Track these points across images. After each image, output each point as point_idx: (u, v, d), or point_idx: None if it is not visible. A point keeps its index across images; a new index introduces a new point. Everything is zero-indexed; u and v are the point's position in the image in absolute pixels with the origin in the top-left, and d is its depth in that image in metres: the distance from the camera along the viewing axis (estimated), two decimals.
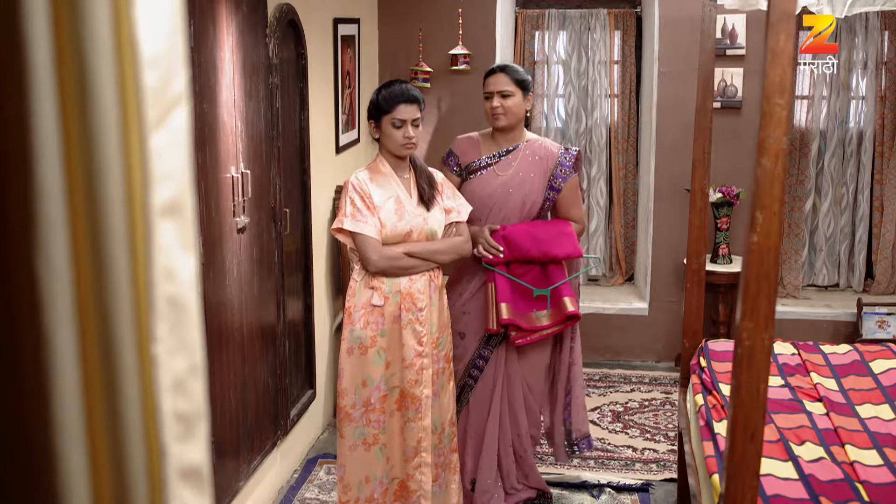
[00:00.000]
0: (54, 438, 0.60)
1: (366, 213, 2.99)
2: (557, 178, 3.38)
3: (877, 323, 5.11)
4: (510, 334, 3.32)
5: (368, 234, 2.98)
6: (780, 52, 1.67)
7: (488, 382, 3.42)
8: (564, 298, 3.32)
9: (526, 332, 3.32)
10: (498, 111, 3.32)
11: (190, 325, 0.68)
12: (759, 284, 1.74)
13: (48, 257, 0.59)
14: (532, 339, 3.35)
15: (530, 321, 3.32)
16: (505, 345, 3.41)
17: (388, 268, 3.01)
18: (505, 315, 3.25)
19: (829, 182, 5.41)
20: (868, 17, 5.19)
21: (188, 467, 0.67)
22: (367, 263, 3.00)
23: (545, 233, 3.36)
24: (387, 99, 3.03)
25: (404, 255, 3.03)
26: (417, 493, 3.13)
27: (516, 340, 3.33)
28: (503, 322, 3.26)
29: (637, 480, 3.99)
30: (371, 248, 2.98)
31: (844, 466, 2.64)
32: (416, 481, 3.12)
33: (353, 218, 2.98)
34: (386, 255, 3.00)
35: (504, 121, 3.34)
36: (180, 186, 0.66)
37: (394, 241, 3.03)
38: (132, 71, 0.62)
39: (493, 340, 3.40)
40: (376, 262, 2.99)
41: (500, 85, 3.32)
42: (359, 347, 3.04)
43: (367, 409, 3.06)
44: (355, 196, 3.00)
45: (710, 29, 3.50)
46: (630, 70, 5.56)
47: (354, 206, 2.99)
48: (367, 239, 2.98)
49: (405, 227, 3.04)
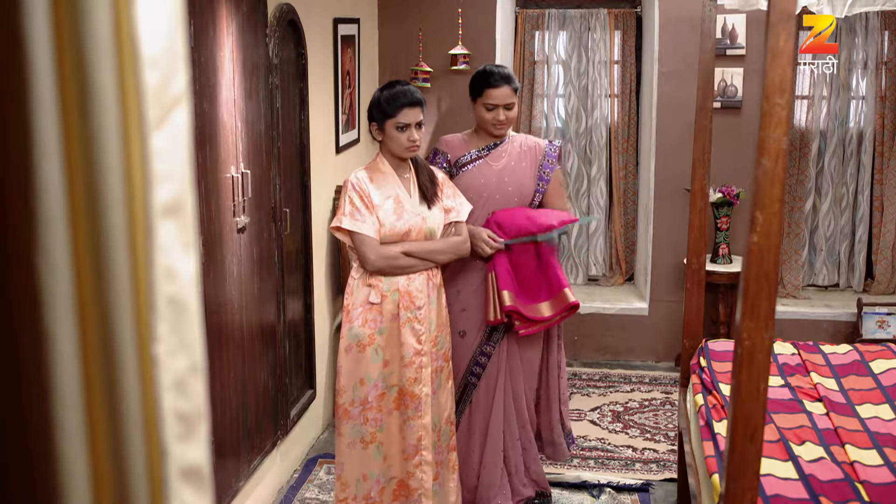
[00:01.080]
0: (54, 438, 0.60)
1: (364, 212, 3.00)
2: (546, 168, 3.43)
3: (877, 323, 5.11)
4: (514, 323, 3.32)
5: (366, 233, 2.98)
6: (780, 52, 1.67)
7: (492, 378, 3.43)
8: (565, 290, 3.34)
9: (529, 321, 3.32)
10: (504, 122, 3.35)
11: (190, 324, 0.68)
12: (759, 284, 1.74)
13: (49, 257, 0.59)
14: (536, 328, 3.36)
15: (532, 310, 3.33)
16: (506, 339, 3.41)
17: (385, 267, 3.01)
18: (508, 302, 3.25)
19: (829, 182, 5.41)
20: (868, 17, 5.19)
21: (188, 467, 0.67)
22: (365, 262, 3.01)
23: (535, 210, 3.40)
24: (391, 102, 3.02)
25: (402, 255, 3.03)
26: (418, 492, 3.13)
27: (520, 330, 3.33)
28: (507, 309, 3.26)
29: (637, 480, 3.99)
30: (369, 248, 2.99)
31: (844, 466, 2.64)
32: (416, 479, 3.12)
33: (352, 217, 2.99)
34: (384, 254, 3.00)
35: (504, 130, 3.41)
36: (180, 186, 0.66)
37: (392, 240, 3.04)
38: (132, 71, 0.62)
39: (495, 336, 3.40)
40: (374, 262, 2.99)
41: (506, 98, 3.33)
42: (357, 345, 3.04)
43: (365, 408, 3.06)
44: (354, 195, 3.01)
45: (710, 29, 3.50)
46: (630, 70, 5.56)
47: (353, 205, 3.00)
48: (365, 238, 2.99)
49: (404, 226, 3.04)
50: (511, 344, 3.43)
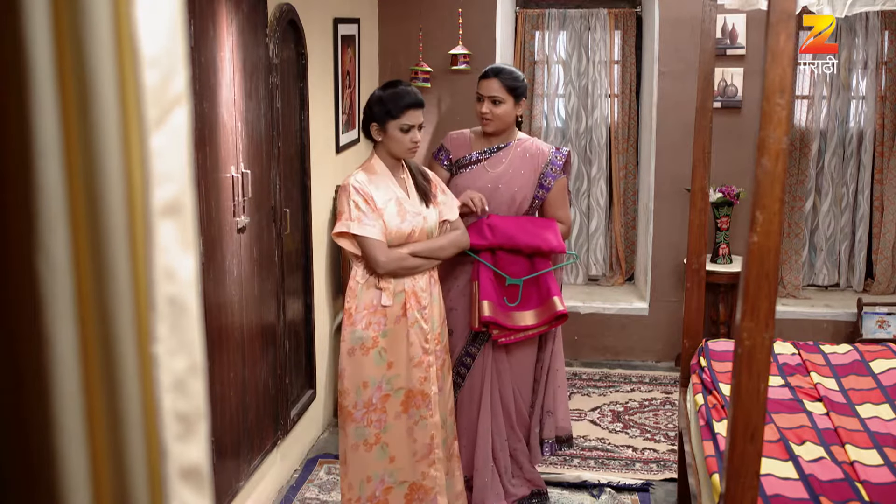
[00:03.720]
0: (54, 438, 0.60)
1: (371, 215, 2.98)
2: (547, 176, 3.41)
3: (877, 323, 5.11)
4: (492, 332, 3.32)
5: (374, 236, 2.96)
6: (780, 52, 1.67)
7: (476, 380, 3.43)
8: (554, 298, 3.34)
9: (509, 330, 3.33)
10: (486, 116, 3.36)
11: (190, 324, 0.68)
12: (760, 284, 1.74)
13: (49, 257, 0.59)
14: (516, 338, 3.36)
15: (513, 319, 3.33)
16: (491, 342, 3.41)
17: (396, 269, 3.01)
18: (486, 312, 3.26)
19: (830, 182, 5.41)
20: (868, 16, 5.19)
21: (188, 467, 0.67)
22: (377, 266, 2.98)
23: (532, 224, 3.39)
24: (395, 103, 3.00)
25: (409, 256, 3.03)
26: (434, 491, 3.13)
27: (499, 339, 3.34)
28: (483, 319, 3.27)
29: (637, 480, 3.99)
30: (379, 251, 2.97)
31: (845, 466, 2.64)
32: (431, 479, 3.13)
33: (360, 221, 2.96)
34: (393, 256, 3.00)
35: (492, 126, 3.39)
36: (180, 186, 0.67)
37: (398, 241, 3.03)
38: (132, 71, 0.62)
39: (480, 338, 3.41)
40: (385, 265, 2.98)
41: (492, 91, 3.34)
42: (360, 348, 3.03)
43: (368, 410, 3.06)
44: (358, 199, 2.98)
45: (710, 29, 3.50)
46: (630, 70, 5.56)
47: (359, 210, 2.97)
48: (374, 242, 2.97)
49: (408, 227, 3.04)
50: (497, 349, 3.43)
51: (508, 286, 3.35)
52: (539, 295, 3.37)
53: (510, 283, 3.34)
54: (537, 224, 3.41)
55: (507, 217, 3.38)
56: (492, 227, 3.32)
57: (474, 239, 3.29)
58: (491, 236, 3.31)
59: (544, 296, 3.36)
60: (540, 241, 3.34)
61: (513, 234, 3.32)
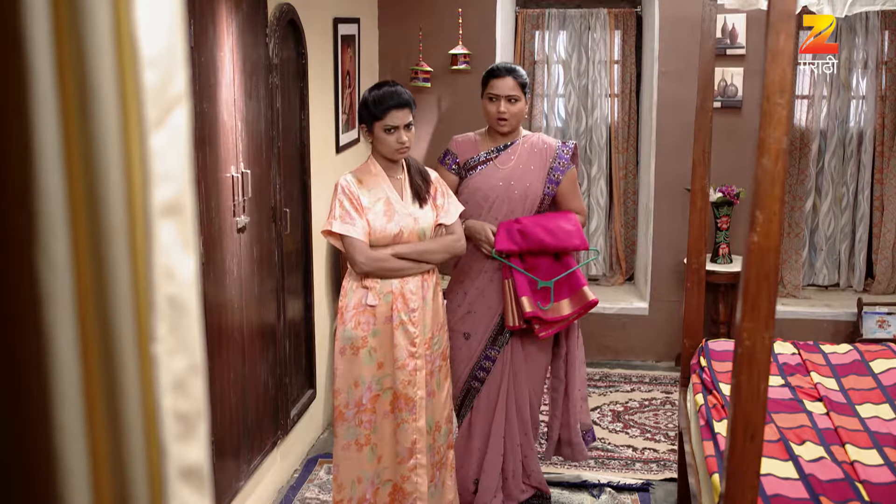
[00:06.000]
0: (54, 438, 0.60)
1: (354, 215, 2.98)
2: (556, 170, 3.39)
3: (877, 322, 5.11)
4: (534, 328, 3.31)
5: (355, 236, 2.97)
6: (780, 52, 1.67)
7: (495, 383, 3.42)
8: (584, 287, 3.35)
9: (549, 323, 3.32)
10: (504, 116, 3.31)
11: (190, 324, 0.68)
12: (760, 284, 1.74)
13: (48, 257, 0.59)
14: (555, 329, 3.37)
15: (551, 312, 3.33)
16: (511, 344, 3.40)
17: (374, 269, 3.00)
18: (528, 308, 3.25)
19: (830, 182, 5.41)
20: (868, 16, 5.19)
21: (188, 467, 0.67)
22: (353, 265, 3.00)
23: (555, 225, 3.36)
24: (377, 104, 3.00)
25: (391, 257, 3.01)
26: (413, 496, 3.11)
27: (540, 333, 3.33)
28: (527, 315, 3.26)
29: (637, 480, 3.99)
30: (357, 251, 2.97)
31: (845, 466, 2.64)
32: (411, 483, 3.11)
33: (342, 220, 2.98)
34: (372, 256, 2.99)
35: (508, 126, 3.35)
36: (180, 186, 0.66)
37: (383, 242, 3.02)
38: (132, 71, 0.62)
39: (500, 340, 3.40)
40: (362, 265, 2.98)
41: (509, 89, 3.30)
42: (350, 348, 3.03)
43: (359, 410, 3.06)
44: (343, 198, 3.00)
45: (710, 29, 3.50)
46: (630, 70, 5.56)
47: (343, 209, 2.99)
48: (354, 241, 2.97)
49: (394, 228, 3.02)
50: (516, 348, 3.42)
51: (541, 289, 3.34)
52: (570, 287, 3.37)
53: (542, 286, 3.33)
54: (560, 223, 3.38)
55: (534, 219, 3.34)
56: (523, 233, 3.30)
57: (505, 244, 3.28)
58: (521, 241, 3.29)
59: (574, 287, 3.36)
60: (567, 244, 3.33)
61: (542, 237, 3.30)
